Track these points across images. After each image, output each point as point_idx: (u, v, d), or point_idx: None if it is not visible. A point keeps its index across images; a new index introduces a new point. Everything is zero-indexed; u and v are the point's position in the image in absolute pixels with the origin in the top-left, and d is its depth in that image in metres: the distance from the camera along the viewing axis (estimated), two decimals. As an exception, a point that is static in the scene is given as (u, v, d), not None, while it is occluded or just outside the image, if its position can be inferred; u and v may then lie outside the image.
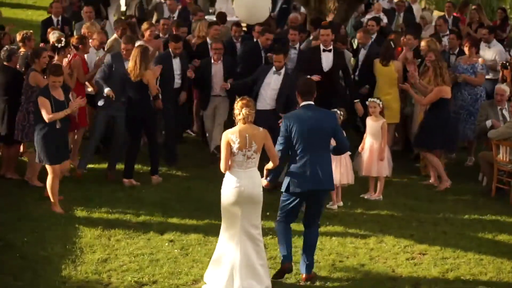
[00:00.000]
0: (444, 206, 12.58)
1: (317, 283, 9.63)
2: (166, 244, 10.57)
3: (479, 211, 12.40)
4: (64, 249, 10.28)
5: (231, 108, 9.73)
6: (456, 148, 14.36)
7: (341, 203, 12.38)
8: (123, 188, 12.65)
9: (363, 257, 10.50)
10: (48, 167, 11.39)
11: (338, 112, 11.65)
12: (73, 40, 13.49)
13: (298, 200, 9.65)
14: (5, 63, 12.62)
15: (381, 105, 12.71)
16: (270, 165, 9.44)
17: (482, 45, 15.87)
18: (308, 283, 9.67)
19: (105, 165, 13.44)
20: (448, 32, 17.24)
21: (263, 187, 9.43)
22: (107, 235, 10.81)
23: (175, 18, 18.50)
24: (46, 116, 11.10)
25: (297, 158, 9.55)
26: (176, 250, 10.34)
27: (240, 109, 9.20)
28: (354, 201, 12.49)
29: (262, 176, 9.45)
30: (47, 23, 17.38)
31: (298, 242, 10.19)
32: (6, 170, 12.73)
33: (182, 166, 13.96)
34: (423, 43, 14.64)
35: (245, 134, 9.12)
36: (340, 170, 12.08)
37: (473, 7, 21.06)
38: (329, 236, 11.09)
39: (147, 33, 14.91)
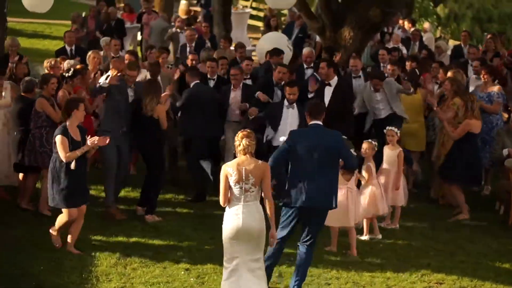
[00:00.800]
0: (461, 235, 12.53)
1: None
2: (182, 272, 10.54)
3: (496, 240, 12.34)
4: (80, 277, 10.26)
5: None
6: (480, 183, 14.26)
7: (379, 236, 12.17)
8: (139, 216, 12.63)
9: (379, 286, 10.45)
10: (64, 210, 10.96)
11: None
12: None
13: (296, 215, 9.81)
14: (22, 93, 12.67)
15: (398, 134, 12.63)
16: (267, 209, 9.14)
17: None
18: None
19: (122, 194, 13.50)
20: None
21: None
22: (123, 263, 10.79)
23: (193, 48, 18.53)
24: (63, 155, 10.67)
25: (298, 174, 9.75)
26: (192, 279, 10.31)
27: (240, 140, 9.05)
28: (370, 229, 12.43)
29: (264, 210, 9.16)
30: (60, 53, 17.46)
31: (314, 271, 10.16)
32: (22, 199, 12.71)
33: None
34: (449, 74, 14.63)
35: (242, 167, 8.97)
36: (375, 201, 11.96)
37: (489, 36, 21.07)
38: (345, 264, 11.04)
39: (160, 60, 15.10)
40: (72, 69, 13.48)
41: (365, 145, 12.05)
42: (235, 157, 9.34)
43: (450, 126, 13.36)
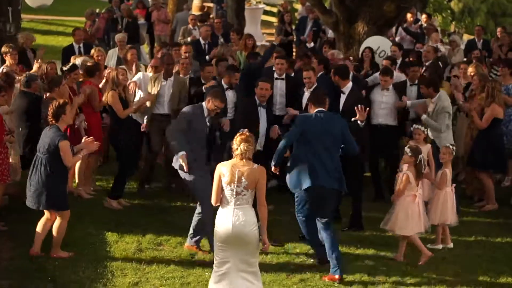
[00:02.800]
0: (477, 229, 12.48)
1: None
2: (197, 267, 10.53)
3: (512, 234, 12.30)
4: (95, 272, 10.27)
5: None
6: (506, 166, 14.36)
7: (451, 245, 11.71)
8: (153, 212, 12.65)
9: (395, 276, 10.44)
10: (59, 213, 10.74)
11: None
12: (87, 66, 13.55)
13: (308, 196, 10.14)
14: (24, 88, 12.67)
15: (425, 132, 12.27)
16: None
17: None
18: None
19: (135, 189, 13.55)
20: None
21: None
22: (138, 258, 10.81)
23: (207, 45, 18.47)
24: (70, 160, 10.56)
25: (305, 157, 10.06)
26: (207, 273, 10.26)
27: (238, 144, 8.77)
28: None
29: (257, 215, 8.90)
30: (68, 50, 17.49)
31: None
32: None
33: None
34: (470, 69, 14.58)
35: (236, 169, 8.71)
36: (447, 207, 11.52)
37: (499, 29, 21.06)
38: (361, 258, 11.08)
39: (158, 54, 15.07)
40: (71, 63, 13.56)
41: (443, 150, 11.64)
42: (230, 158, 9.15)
43: (477, 117, 13.43)
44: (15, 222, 11.72)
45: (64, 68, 13.32)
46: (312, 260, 10.85)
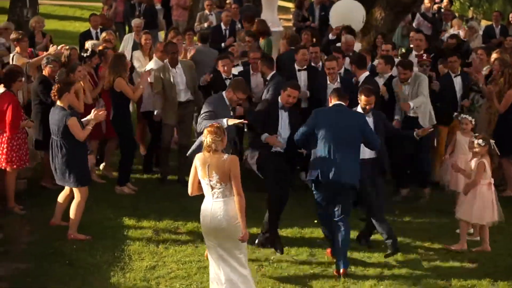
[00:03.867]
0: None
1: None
2: (214, 251, 10.54)
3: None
4: (112, 256, 10.33)
5: None
6: None
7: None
8: (170, 196, 12.66)
9: (412, 265, 10.45)
10: (79, 189, 10.88)
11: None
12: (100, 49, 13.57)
13: (326, 191, 10.07)
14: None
15: (473, 122, 12.09)
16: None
17: None
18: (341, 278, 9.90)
19: (152, 175, 13.60)
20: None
21: None
22: (155, 242, 10.85)
23: (228, 31, 18.39)
24: (81, 135, 10.68)
25: (323, 152, 9.92)
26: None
27: (205, 135, 8.61)
28: (402, 211, 12.38)
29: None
30: (85, 36, 17.50)
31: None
32: (44, 177, 12.79)
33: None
34: (494, 55, 14.51)
35: (206, 163, 8.55)
36: (493, 206, 11.08)
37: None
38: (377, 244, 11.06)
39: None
40: (90, 49, 13.53)
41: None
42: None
43: (497, 101, 13.43)
44: (33, 206, 11.78)
45: (85, 55, 13.32)
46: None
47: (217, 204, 8.60)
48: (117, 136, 13.10)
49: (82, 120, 10.91)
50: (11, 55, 13.76)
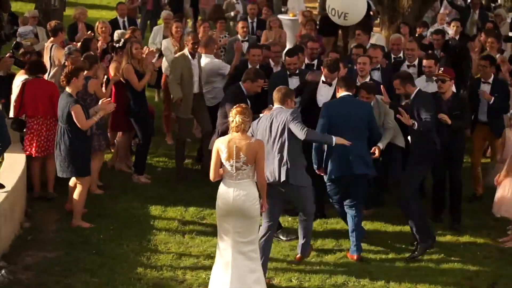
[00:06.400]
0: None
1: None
2: (240, 242, 10.57)
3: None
4: (139, 246, 10.40)
5: None
6: None
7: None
8: (197, 185, 12.68)
9: (437, 257, 10.45)
10: (81, 179, 11.01)
11: None
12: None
13: (337, 183, 10.28)
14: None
15: None
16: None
17: None
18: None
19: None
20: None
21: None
22: (181, 232, 10.90)
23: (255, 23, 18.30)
24: (84, 123, 10.72)
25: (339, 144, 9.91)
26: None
27: (234, 115, 8.68)
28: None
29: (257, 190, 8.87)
30: (112, 24, 17.36)
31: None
32: None
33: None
34: None
35: (233, 144, 8.63)
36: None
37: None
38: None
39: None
40: (122, 39, 13.47)
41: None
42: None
43: None
44: (60, 193, 11.82)
45: (117, 45, 13.31)
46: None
47: (241, 185, 8.71)
48: (129, 129, 13.09)
49: (90, 110, 11.00)
50: (48, 45, 13.64)
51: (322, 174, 10.41)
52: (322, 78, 11.50)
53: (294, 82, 12.01)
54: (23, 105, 11.78)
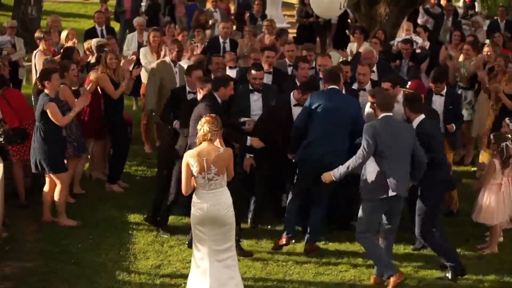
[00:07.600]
0: None
1: None
2: (219, 250, 10.56)
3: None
4: (118, 255, 10.37)
5: None
6: None
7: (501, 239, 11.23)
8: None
9: (416, 264, 10.48)
10: (56, 176, 11.11)
11: None
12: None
13: (308, 170, 10.32)
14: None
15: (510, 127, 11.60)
16: None
17: None
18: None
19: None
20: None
21: None
22: (161, 241, 10.88)
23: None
24: (60, 120, 10.93)
25: (315, 133, 10.20)
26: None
27: (202, 124, 8.71)
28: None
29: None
30: (90, 33, 17.38)
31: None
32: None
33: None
34: (486, 49, 14.49)
35: (202, 158, 8.63)
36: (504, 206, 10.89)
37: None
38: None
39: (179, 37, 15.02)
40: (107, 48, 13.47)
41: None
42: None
43: (506, 98, 13.11)
44: (38, 203, 11.75)
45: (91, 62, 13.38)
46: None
47: (214, 195, 8.74)
48: (105, 136, 13.05)
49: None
50: (34, 52, 13.89)
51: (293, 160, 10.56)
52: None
53: (255, 98, 11.74)
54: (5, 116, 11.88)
